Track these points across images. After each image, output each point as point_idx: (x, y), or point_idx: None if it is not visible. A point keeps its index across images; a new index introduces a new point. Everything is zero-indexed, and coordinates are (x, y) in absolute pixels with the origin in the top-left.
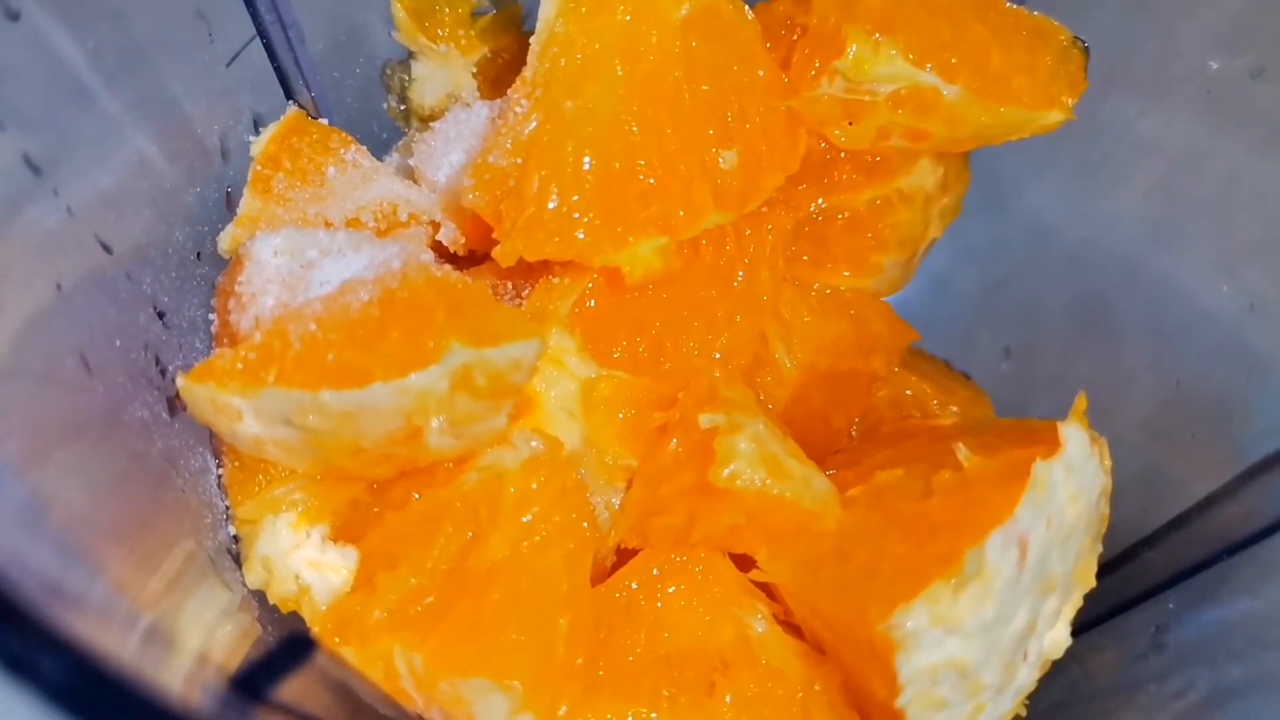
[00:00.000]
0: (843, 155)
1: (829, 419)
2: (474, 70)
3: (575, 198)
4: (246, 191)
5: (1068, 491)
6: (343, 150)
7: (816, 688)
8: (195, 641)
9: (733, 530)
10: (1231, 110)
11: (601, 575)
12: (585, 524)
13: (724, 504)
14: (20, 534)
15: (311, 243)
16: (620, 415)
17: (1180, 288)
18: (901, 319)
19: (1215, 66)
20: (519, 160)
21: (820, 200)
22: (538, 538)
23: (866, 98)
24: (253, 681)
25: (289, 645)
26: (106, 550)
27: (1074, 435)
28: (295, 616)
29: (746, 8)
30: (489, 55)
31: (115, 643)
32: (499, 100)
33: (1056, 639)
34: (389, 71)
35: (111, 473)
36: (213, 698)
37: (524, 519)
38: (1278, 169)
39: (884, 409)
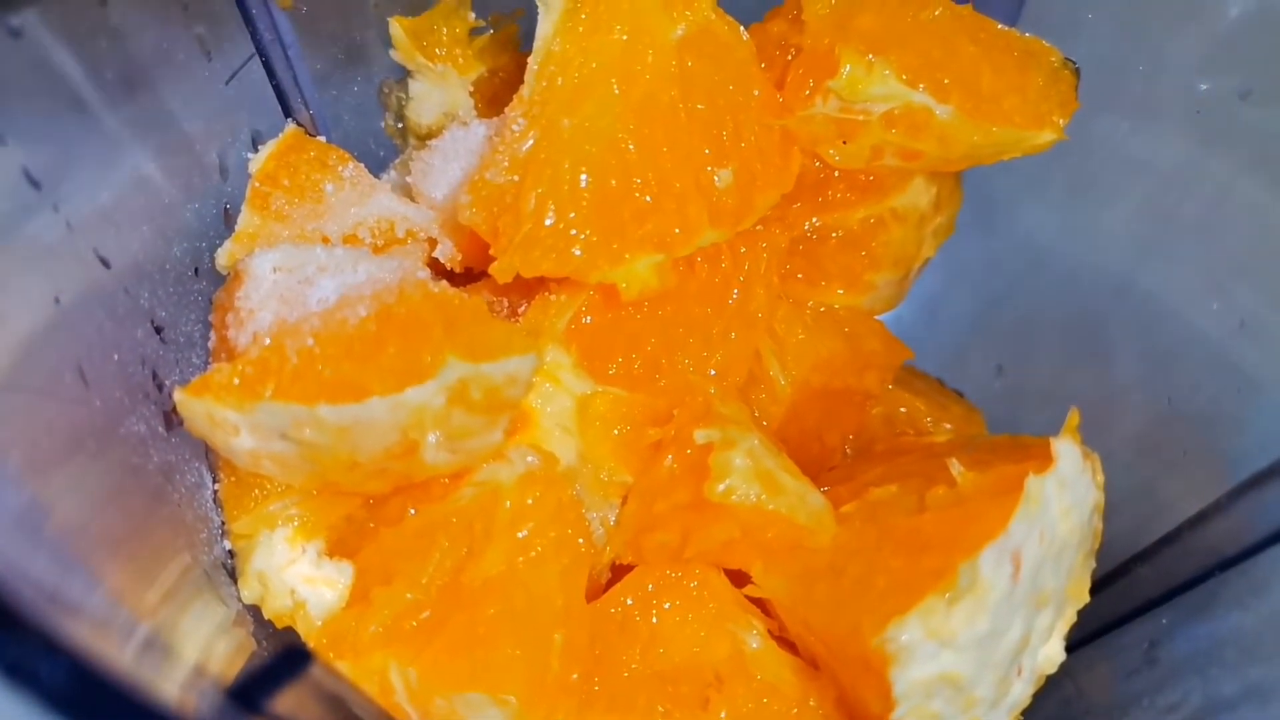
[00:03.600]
0: (837, 174)
1: (823, 436)
2: (471, 89)
3: (572, 214)
4: (245, 208)
5: (1060, 506)
6: (340, 167)
7: (811, 703)
8: (191, 653)
9: (727, 546)
10: (1220, 130)
11: (596, 591)
12: (580, 540)
13: (719, 519)
14: (19, 543)
15: (309, 259)
16: (615, 431)
17: (1170, 306)
18: (895, 337)
19: (1204, 87)
20: (516, 177)
21: (815, 219)
22: (533, 553)
23: (860, 117)
24: (249, 692)
25: (285, 657)
26: (103, 562)
27: (1067, 451)
28: (290, 631)
29: (741, 28)
30: (486, 75)
31: (113, 651)
32: (496, 118)
33: (1050, 654)
34: (386, 90)
35: (108, 486)
36: (209, 708)
37: (519, 534)
38: (1266, 188)
39: (878, 426)
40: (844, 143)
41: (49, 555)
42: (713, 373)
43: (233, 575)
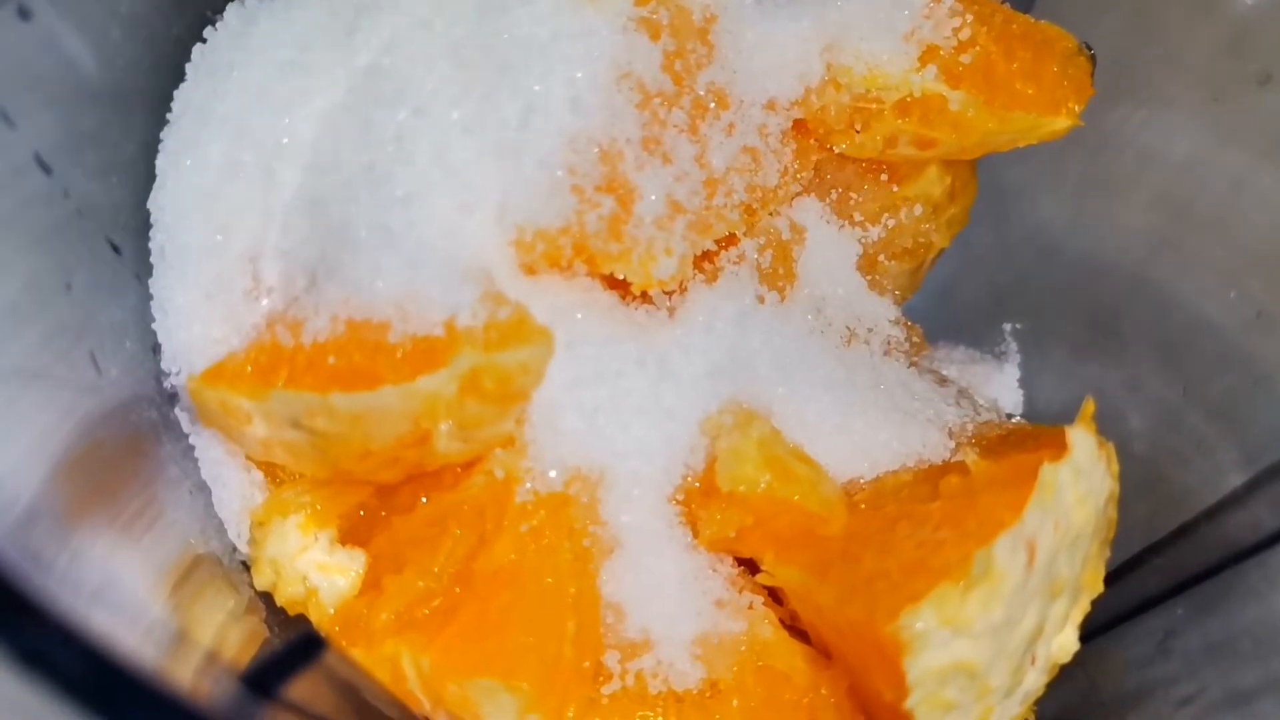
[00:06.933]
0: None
1: None
2: None
3: None
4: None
5: (1075, 494)
6: None
7: (823, 691)
8: (205, 640)
9: (739, 534)
10: (1238, 118)
11: None
12: (593, 527)
13: (730, 507)
14: (32, 531)
15: None
16: None
17: (1186, 296)
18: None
19: (1221, 75)
20: None
21: None
22: (545, 541)
23: (874, 105)
24: (262, 679)
25: (299, 644)
26: (116, 550)
27: (1081, 439)
28: (302, 619)
29: None
30: None
31: (128, 639)
32: None
33: (1064, 643)
34: None
35: (121, 473)
36: (223, 694)
37: (531, 522)
38: None
39: None
40: (858, 132)
41: (62, 543)
42: None
43: (245, 563)
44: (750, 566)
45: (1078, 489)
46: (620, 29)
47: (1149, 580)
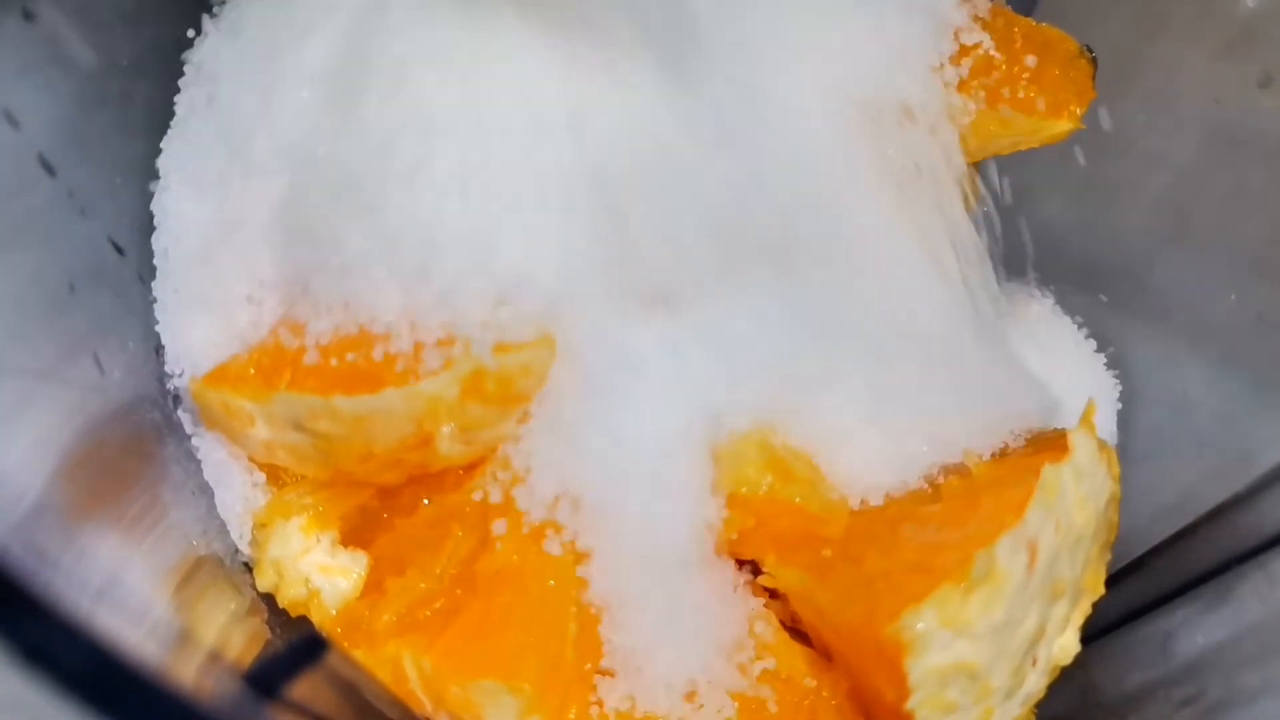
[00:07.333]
0: None
1: None
2: None
3: None
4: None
5: (1076, 496)
6: None
7: (824, 693)
8: (208, 640)
9: (741, 535)
10: (1239, 120)
11: None
12: None
13: (732, 509)
14: (37, 529)
15: None
16: None
17: (1187, 298)
18: None
19: (1223, 77)
20: None
21: None
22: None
23: None
24: (264, 679)
25: (301, 645)
26: (120, 549)
27: (1082, 441)
28: (304, 620)
29: None
30: None
31: (132, 637)
32: None
33: (1065, 645)
34: None
35: (124, 473)
36: (226, 693)
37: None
38: None
39: None
40: None
41: (67, 541)
42: None
43: (247, 564)
44: (751, 568)
45: (1079, 490)
46: None
47: (1150, 583)
